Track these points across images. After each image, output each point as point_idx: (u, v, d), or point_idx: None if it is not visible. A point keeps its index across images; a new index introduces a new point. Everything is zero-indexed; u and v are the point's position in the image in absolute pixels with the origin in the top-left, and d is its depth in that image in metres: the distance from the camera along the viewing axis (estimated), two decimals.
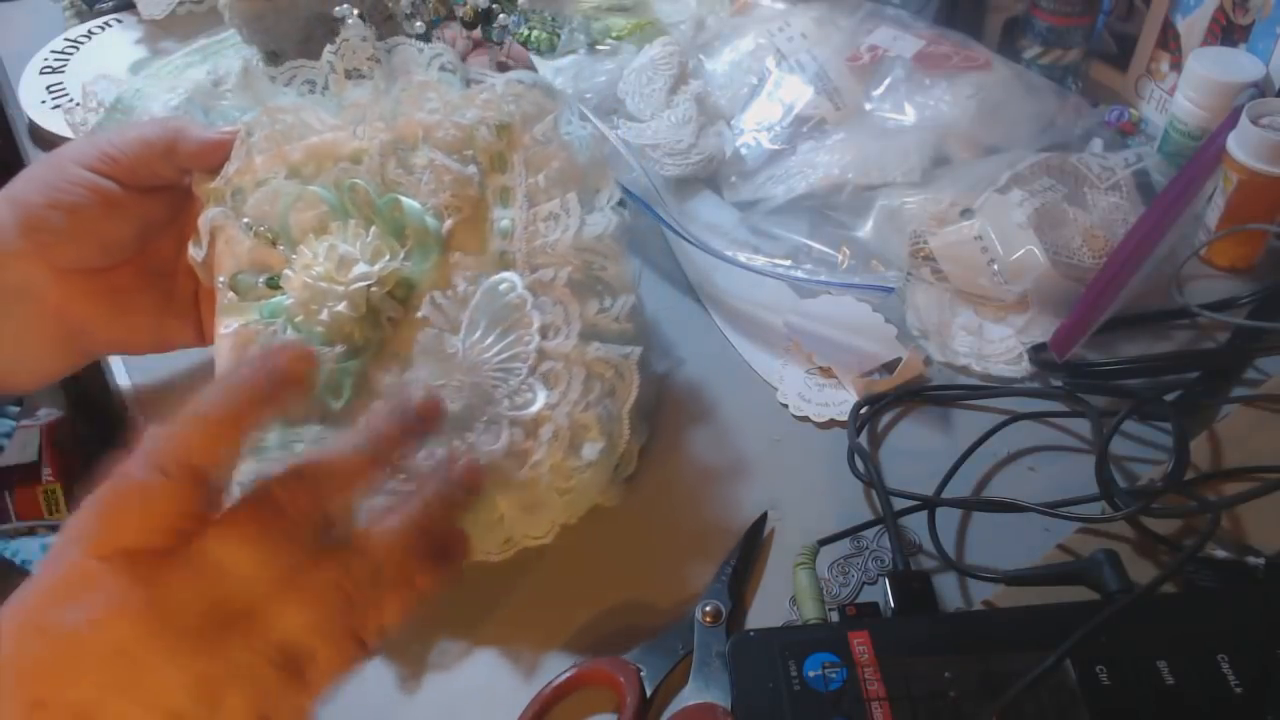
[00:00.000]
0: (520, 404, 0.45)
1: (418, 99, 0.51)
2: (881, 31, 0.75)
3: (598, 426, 0.46)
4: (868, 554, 0.49)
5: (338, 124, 0.52)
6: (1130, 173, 0.64)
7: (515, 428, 0.44)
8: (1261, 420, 0.53)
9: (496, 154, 0.51)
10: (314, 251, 0.48)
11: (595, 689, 0.44)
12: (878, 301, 0.62)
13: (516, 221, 0.49)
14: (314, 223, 0.50)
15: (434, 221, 0.49)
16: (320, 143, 0.51)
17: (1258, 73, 0.63)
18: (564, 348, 0.46)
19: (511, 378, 0.45)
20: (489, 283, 0.47)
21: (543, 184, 0.50)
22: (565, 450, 0.45)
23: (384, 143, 0.50)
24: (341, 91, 0.53)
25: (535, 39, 0.85)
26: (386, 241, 0.49)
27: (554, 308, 0.47)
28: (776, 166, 0.70)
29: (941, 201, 0.63)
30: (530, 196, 0.50)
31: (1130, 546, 0.47)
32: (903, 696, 0.39)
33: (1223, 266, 0.64)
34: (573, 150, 0.52)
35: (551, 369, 0.46)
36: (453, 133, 0.50)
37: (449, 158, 0.49)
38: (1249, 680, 0.38)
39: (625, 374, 0.48)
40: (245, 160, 0.51)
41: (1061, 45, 0.74)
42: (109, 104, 0.79)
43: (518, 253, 0.48)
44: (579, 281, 0.49)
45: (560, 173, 0.50)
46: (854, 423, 0.55)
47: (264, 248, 0.50)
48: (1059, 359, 0.56)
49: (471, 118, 0.50)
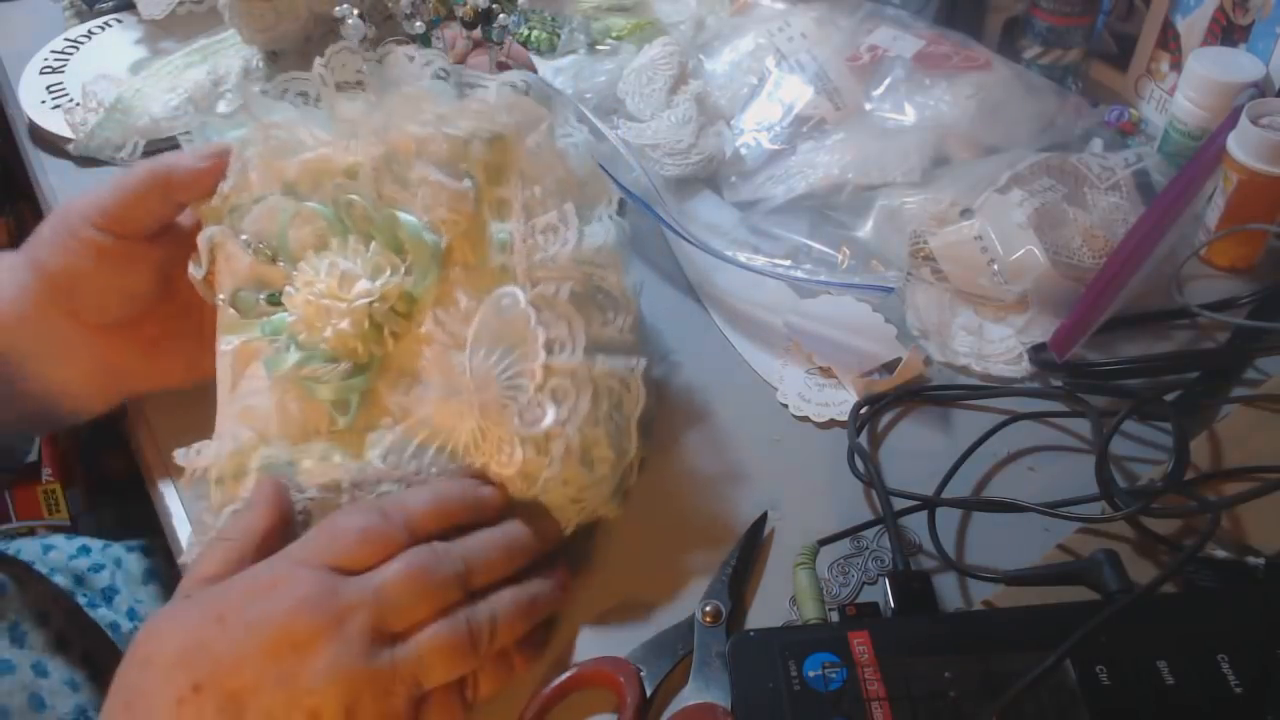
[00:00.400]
0: (530, 420, 0.45)
1: (410, 111, 0.50)
2: (881, 31, 0.75)
3: (607, 440, 0.47)
4: (868, 554, 0.49)
5: (331, 139, 0.51)
6: (1130, 173, 0.64)
7: (527, 445, 0.45)
8: (1261, 420, 0.53)
9: (492, 166, 0.50)
10: (315, 268, 0.48)
11: (595, 689, 0.44)
12: (878, 301, 0.62)
13: (515, 234, 0.49)
14: (313, 239, 0.50)
15: (432, 237, 0.49)
16: (315, 158, 0.50)
17: (1258, 73, 0.63)
18: (570, 363, 0.46)
19: (520, 394, 0.45)
20: (491, 298, 0.47)
21: (540, 195, 0.50)
22: (576, 465, 0.46)
23: (378, 157, 0.50)
24: (334, 105, 0.52)
25: (535, 39, 0.85)
26: (387, 257, 0.49)
27: (558, 323, 0.47)
28: (776, 166, 0.70)
29: (941, 201, 0.63)
30: (528, 209, 0.49)
31: (1130, 546, 0.47)
32: (903, 696, 0.39)
33: (1223, 266, 0.64)
34: (569, 160, 0.52)
35: (559, 385, 0.46)
36: (446, 146, 0.50)
37: (443, 172, 0.49)
38: (1249, 680, 0.38)
39: (631, 386, 0.49)
40: (241, 177, 0.51)
41: (1061, 45, 0.74)
42: (109, 104, 0.79)
43: (517, 265, 0.48)
44: (581, 295, 0.48)
45: (557, 184, 0.50)
46: (854, 423, 0.55)
47: (263, 264, 0.50)
48: (1059, 359, 0.56)
49: (465, 129, 0.50)
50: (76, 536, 0.70)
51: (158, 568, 0.71)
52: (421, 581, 0.41)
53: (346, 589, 0.40)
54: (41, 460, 0.94)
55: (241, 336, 0.50)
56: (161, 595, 0.69)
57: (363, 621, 0.39)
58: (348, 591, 0.40)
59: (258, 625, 0.38)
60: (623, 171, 0.64)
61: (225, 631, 0.39)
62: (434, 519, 0.44)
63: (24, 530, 0.92)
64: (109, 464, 1.02)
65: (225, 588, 0.41)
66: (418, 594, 0.41)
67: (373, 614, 0.40)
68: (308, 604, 0.39)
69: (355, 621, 0.39)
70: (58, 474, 0.96)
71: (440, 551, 0.42)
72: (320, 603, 0.39)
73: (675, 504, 0.53)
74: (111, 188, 0.51)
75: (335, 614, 0.39)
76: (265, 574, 0.41)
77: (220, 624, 0.39)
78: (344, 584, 0.40)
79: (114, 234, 0.51)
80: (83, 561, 0.67)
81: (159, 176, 0.51)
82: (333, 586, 0.40)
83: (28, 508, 0.95)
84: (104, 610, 0.64)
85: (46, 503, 0.95)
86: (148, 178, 0.51)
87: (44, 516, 0.95)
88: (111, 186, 0.51)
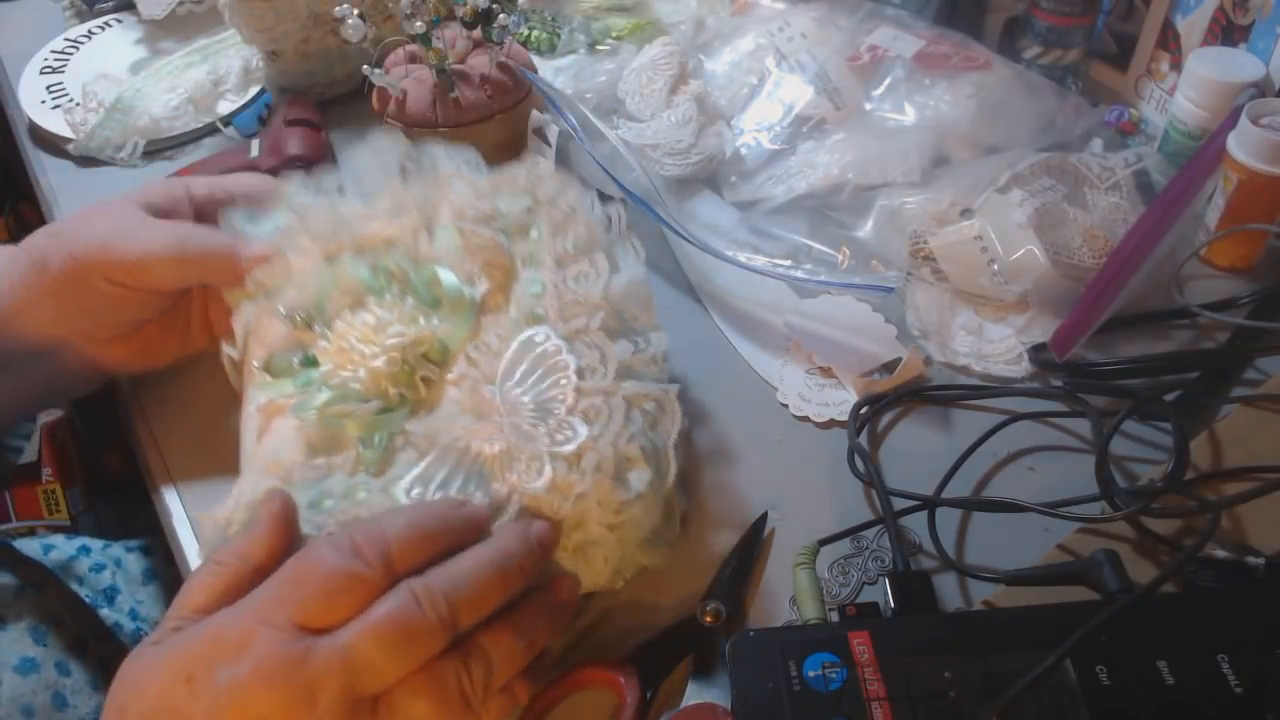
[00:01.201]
0: (561, 440, 0.44)
1: (445, 188, 0.53)
2: (881, 31, 0.75)
3: (642, 457, 0.45)
4: (868, 554, 0.49)
5: (370, 212, 0.52)
6: (1130, 173, 0.64)
7: (558, 462, 0.43)
8: (1261, 420, 0.53)
9: (521, 226, 0.52)
10: (349, 323, 0.49)
11: (595, 689, 0.44)
12: (878, 301, 0.62)
13: (547, 284, 0.50)
14: (350, 301, 0.50)
15: (469, 290, 0.50)
16: (360, 232, 0.52)
17: (1258, 73, 0.63)
18: (602, 384, 0.46)
19: (550, 418, 0.45)
20: (523, 336, 0.47)
21: (570, 248, 0.51)
22: (610, 483, 0.44)
23: (416, 220, 0.52)
24: (382, 186, 0.54)
25: (535, 39, 0.85)
26: (421, 309, 0.49)
27: (589, 351, 0.47)
28: (776, 166, 0.70)
29: (941, 201, 0.63)
30: (560, 261, 0.50)
31: (1130, 546, 0.47)
32: (903, 696, 0.39)
33: (1223, 266, 0.64)
34: (594, 220, 0.53)
35: (590, 405, 0.45)
36: (481, 208, 0.52)
37: (479, 226, 0.51)
38: (1249, 680, 0.38)
39: (666, 407, 0.47)
40: (279, 261, 0.51)
41: (1061, 45, 0.74)
42: (109, 104, 0.79)
43: (550, 308, 0.49)
44: (612, 329, 0.49)
45: (587, 238, 0.51)
46: (854, 423, 0.55)
47: (299, 330, 0.50)
48: (1059, 359, 0.56)
49: (499, 202, 0.52)
50: (76, 536, 0.70)
51: (158, 568, 0.71)
52: (398, 638, 0.37)
53: (315, 655, 0.36)
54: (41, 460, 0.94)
55: (269, 393, 0.49)
56: (161, 595, 0.69)
57: (333, 693, 0.36)
58: (316, 658, 0.36)
59: (224, 695, 0.36)
60: (623, 171, 0.65)
61: (194, 696, 0.36)
62: (414, 549, 0.40)
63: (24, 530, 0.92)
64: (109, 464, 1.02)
65: (195, 640, 0.38)
66: (394, 652, 0.37)
67: (344, 682, 0.36)
68: (273, 677, 0.36)
69: (326, 693, 0.36)
70: (58, 474, 0.96)
71: (421, 596, 0.38)
72: (286, 675, 0.36)
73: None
74: (138, 248, 0.51)
75: (303, 686, 0.36)
76: (232, 630, 0.37)
77: (189, 686, 0.36)
78: (313, 649, 0.36)
79: (129, 287, 0.51)
80: (83, 562, 0.67)
81: (191, 256, 0.51)
82: (299, 655, 0.36)
83: (28, 508, 0.95)
84: (106, 611, 0.64)
85: (46, 503, 0.95)
86: (177, 253, 0.51)
87: (44, 516, 0.95)
88: (136, 244, 0.51)
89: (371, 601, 0.38)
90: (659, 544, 0.47)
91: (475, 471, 0.44)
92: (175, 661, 0.37)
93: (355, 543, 0.39)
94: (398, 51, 0.71)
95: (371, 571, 0.38)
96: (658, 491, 0.46)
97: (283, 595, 0.38)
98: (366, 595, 0.38)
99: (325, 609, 0.37)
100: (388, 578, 0.39)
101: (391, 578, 0.39)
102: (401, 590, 0.38)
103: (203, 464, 0.56)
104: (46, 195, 0.77)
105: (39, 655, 0.57)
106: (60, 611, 0.61)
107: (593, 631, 0.47)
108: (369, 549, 0.39)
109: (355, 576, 0.38)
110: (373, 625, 0.37)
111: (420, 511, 0.42)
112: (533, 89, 0.70)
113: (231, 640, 0.37)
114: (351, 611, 0.38)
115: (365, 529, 0.40)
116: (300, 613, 0.37)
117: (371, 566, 0.38)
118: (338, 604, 0.38)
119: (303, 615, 0.37)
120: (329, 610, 0.37)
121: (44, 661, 0.57)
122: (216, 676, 0.36)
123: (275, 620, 0.37)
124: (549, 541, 0.43)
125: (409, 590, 0.38)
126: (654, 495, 0.45)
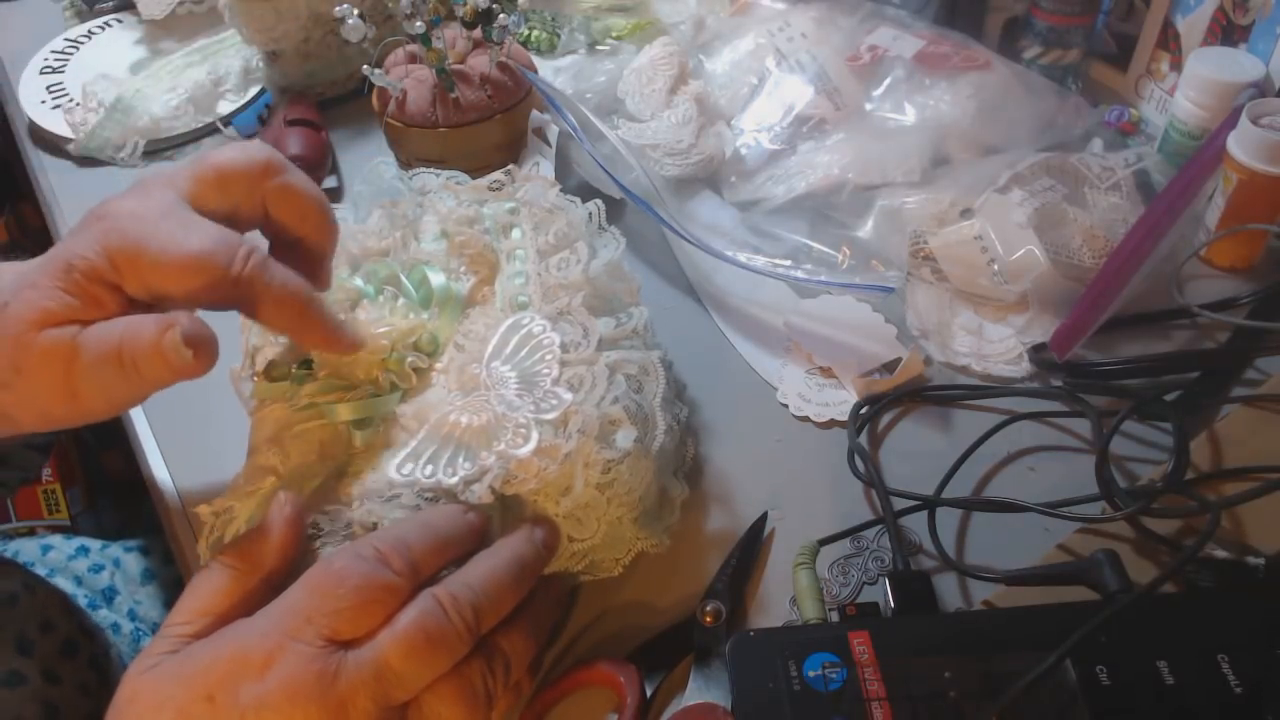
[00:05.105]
0: (546, 409, 0.45)
1: (432, 200, 0.56)
2: (881, 31, 0.75)
3: (626, 417, 0.45)
4: (868, 554, 0.49)
5: (364, 229, 0.56)
6: (1130, 173, 0.64)
7: (544, 427, 0.44)
8: (1261, 420, 0.52)
9: (505, 225, 0.54)
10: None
11: (595, 689, 0.44)
12: (878, 301, 0.62)
13: (530, 273, 0.52)
14: (346, 308, 0.52)
15: (457, 286, 0.52)
16: (356, 248, 0.55)
17: (1258, 73, 0.63)
18: (585, 354, 0.47)
19: (536, 389, 0.46)
20: (509, 321, 0.49)
21: (552, 240, 0.53)
22: (596, 444, 0.44)
23: (405, 231, 0.55)
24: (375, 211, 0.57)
25: (535, 39, 0.85)
26: (413, 308, 0.52)
27: (573, 327, 0.48)
28: (776, 166, 0.70)
29: (941, 201, 0.63)
30: (541, 252, 0.52)
31: (1130, 546, 0.47)
32: (903, 696, 0.39)
33: (1223, 266, 0.64)
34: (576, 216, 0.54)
35: (575, 374, 0.46)
36: (465, 213, 0.55)
37: (463, 227, 0.54)
38: (1249, 680, 0.38)
39: (650, 370, 0.49)
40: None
41: (1061, 45, 0.74)
42: (109, 104, 0.79)
43: (534, 295, 0.50)
44: (595, 306, 0.50)
45: (567, 231, 0.53)
46: (854, 423, 0.55)
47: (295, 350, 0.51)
48: (1059, 359, 0.56)
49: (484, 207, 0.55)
50: (75, 537, 0.70)
51: (156, 568, 0.71)
52: (428, 647, 0.37)
53: (346, 670, 0.36)
54: None
55: (269, 395, 0.49)
56: (160, 595, 0.69)
57: (365, 706, 0.36)
58: (347, 672, 0.36)
59: (251, 714, 0.35)
60: (623, 171, 0.65)
61: (216, 716, 0.35)
62: (435, 555, 0.40)
63: (24, 530, 0.92)
64: (109, 464, 1.03)
65: (213, 656, 0.37)
66: (424, 662, 0.37)
67: (375, 695, 0.36)
68: (304, 694, 0.35)
69: (358, 707, 0.36)
70: (58, 474, 0.96)
71: (446, 603, 0.38)
72: (319, 692, 0.35)
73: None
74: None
75: (336, 702, 0.36)
76: (256, 645, 0.36)
77: (210, 705, 0.35)
78: (343, 664, 0.36)
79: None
80: (82, 562, 0.67)
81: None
82: (331, 670, 0.36)
83: (28, 508, 0.95)
84: (105, 611, 0.64)
85: (46, 503, 0.96)
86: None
87: (44, 516, 0.95)
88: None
89: (398, 610, 0.38)
90: (657, 526, 0.48)
91: (464, 444, 0.45)
92: (194, 679, 0.36)
93: (381, 552, 0.39)
94: (398, 51, 0.71)
95: (401, 580, 0.38)
96: (646, 450, 0.46)
97: (311, 608, 0.37)
98: (396, 604, 0.38)
99: (357, 621, 0.37)
100: (413, 585, 0.39)
101: (416, 585, 0.39)
102: (426, 599, 0.38)
103: (203, 464, 0.56)
104: (46, 195, 0.77)
105: (24, 668, 0.57)
106: (51, 614, 0.60)
107: (592, 631, 0.47)
108: (395, 558, 0.39)
109: (387, 587, 0.38)
110: (402, 636, 0.37)
111: (435, 517, 0.42)
112: (533, 89, 0.70)
113: (255, 657, 0.36)
114: (381, 621, 0.37)
115: (386, 537, 0.40)
116: (330, 626, 0.37)
117: (400, 575, 0.38)
118: (369, 615, 0.37)
119: (333, 628, 0.37)
120: (361, 622, 0.37)
121: (31, 674, 0.57)
122: (240, 695, 0.35)
123: (303, 635, 0.36)
124: (553, 543, 0.44)
125: (433, 599, 0.38)
126: (642, 455, 0.46)
